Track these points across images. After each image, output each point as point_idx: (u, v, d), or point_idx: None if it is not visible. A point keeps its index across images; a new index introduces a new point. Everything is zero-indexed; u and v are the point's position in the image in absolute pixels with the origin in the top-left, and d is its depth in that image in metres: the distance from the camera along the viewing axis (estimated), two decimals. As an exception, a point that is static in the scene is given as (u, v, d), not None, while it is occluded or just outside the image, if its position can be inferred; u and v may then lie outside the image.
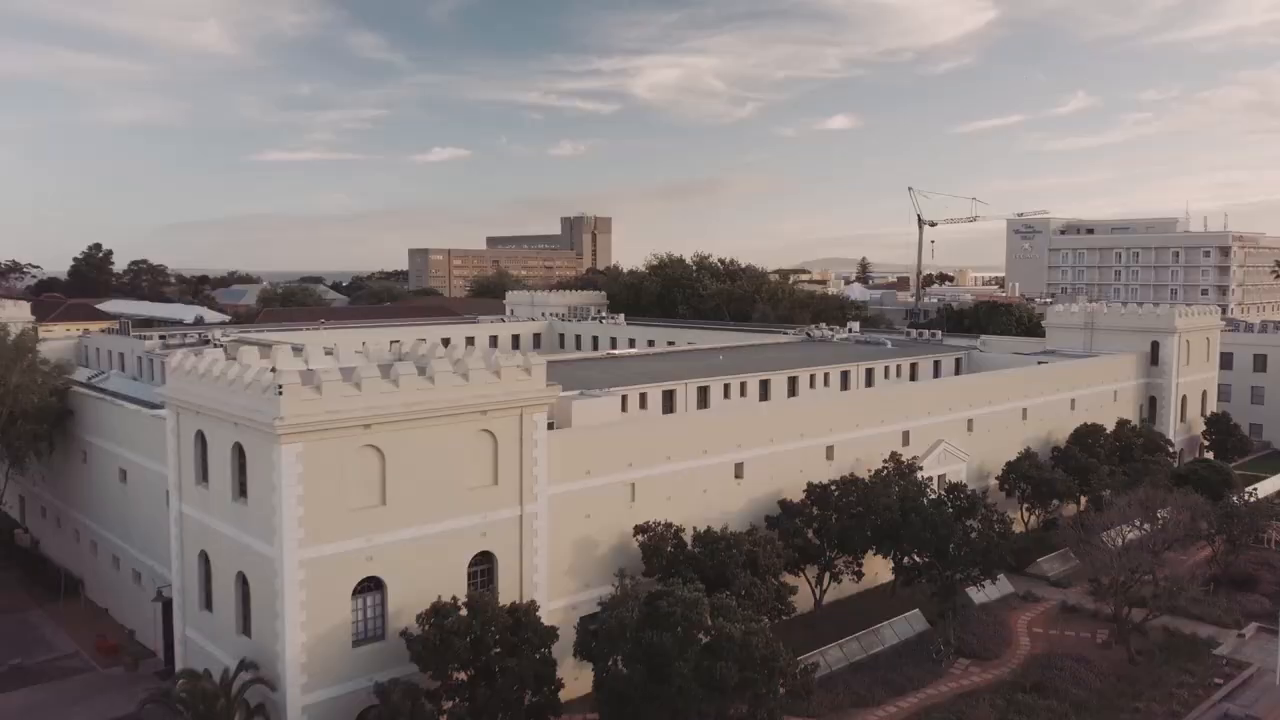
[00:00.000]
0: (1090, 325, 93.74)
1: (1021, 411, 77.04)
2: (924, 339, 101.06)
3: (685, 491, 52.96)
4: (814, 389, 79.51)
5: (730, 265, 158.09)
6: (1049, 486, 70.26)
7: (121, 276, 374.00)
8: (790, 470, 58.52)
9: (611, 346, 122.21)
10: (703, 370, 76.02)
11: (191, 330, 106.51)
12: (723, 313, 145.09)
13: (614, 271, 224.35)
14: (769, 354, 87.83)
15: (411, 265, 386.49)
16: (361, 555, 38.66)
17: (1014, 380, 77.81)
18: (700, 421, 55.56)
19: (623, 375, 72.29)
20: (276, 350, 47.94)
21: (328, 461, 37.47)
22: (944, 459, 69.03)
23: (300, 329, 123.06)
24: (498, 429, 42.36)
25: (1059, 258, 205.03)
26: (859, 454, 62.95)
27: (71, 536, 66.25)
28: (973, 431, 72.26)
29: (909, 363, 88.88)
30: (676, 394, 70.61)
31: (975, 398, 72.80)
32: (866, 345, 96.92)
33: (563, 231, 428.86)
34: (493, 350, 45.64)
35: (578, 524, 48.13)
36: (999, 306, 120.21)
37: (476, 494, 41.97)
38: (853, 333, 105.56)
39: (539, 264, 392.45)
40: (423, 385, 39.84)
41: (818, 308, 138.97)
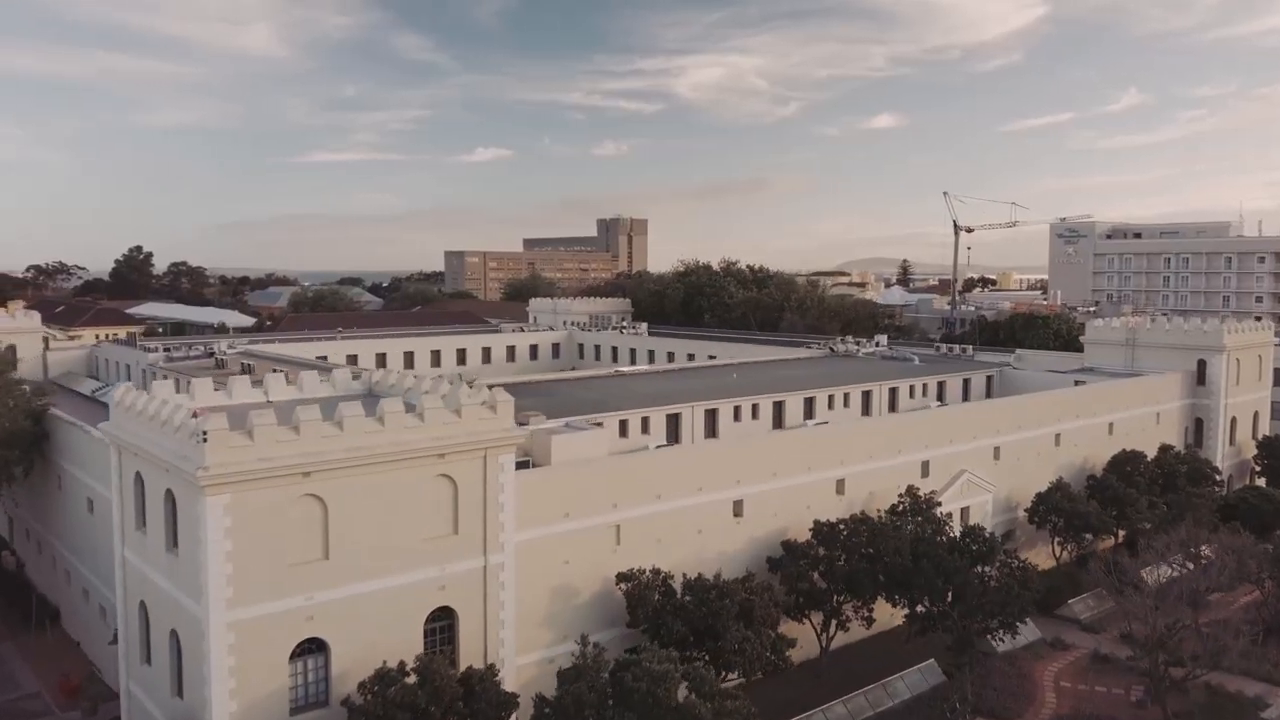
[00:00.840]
0: (1131, 342, 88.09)
1: (1054, 437, 71.95)
2: (954, 354, 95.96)
3: (677, 532, 49.03)
4: (832, 410, 75.06)
5: (759, 272, 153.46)
6: (1082, 520, 65.25)
7: (161, 278, 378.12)
8: (795, 507, 54.31)
9: (631, 358, 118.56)
10: (712, 391, 71.89)
11: (198, 342, 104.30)
12: (749, 321, 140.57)
13: (644, 276, 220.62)
14: (786, 372, 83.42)
15: (447, 267, 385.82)
16: (301, 615, 35.20)
17: (1046, 404, 72.71)
18: (694, 456, 51.56)
19: (626, 397, 68.41)
20: (234, 382, 44.87)
21: (261, 513, 34.04)
22: (967, 491, 64.31)
23: (318, 338, 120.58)
24: (458, 473, 38.71)
25: (1104, 263, 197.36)
26: (873, 487, 58.54)
27: (50, 563, 63.90)
28: (999, 460, 67.40)
29: (936, 381, 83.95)
30: (682, 418, 66.55)
31: (1002, 424, 67.91)
32: (892, 361, 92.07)
33: (598, 233, 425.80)
34: (459, 384, 42.04)
35: (555, 571, 44.42)
36: (1035, 319, 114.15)
37: (434, 545, 38.34)
38: (880, 346, 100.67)
39: (574, 266, 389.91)
40: (371, 428, 36.29)
41: (848, 317, 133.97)
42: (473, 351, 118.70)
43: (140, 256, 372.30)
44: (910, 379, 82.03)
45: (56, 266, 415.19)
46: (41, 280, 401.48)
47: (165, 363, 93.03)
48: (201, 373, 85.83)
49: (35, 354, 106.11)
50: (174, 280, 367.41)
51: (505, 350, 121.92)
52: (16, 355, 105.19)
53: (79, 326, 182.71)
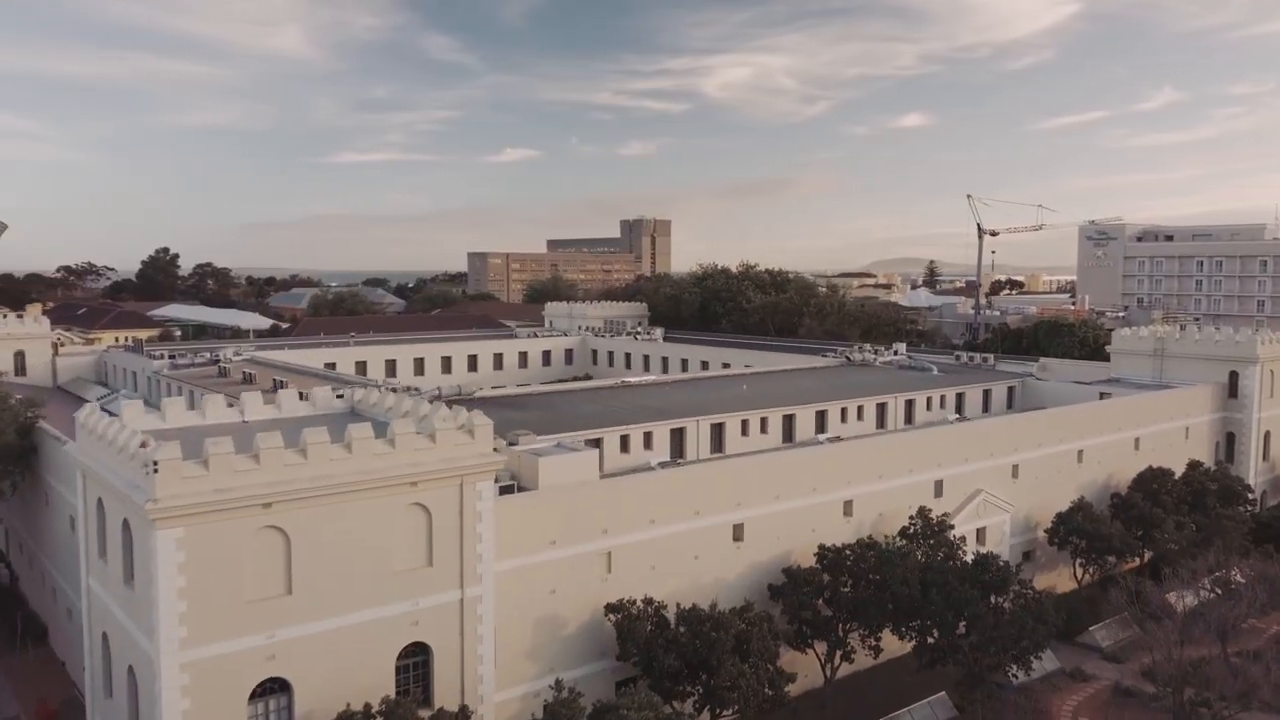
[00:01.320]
0: (1160, 352, 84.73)
1: (1076, 454, 68.95)
2: (974, 364, 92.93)
3: (673, 559, 46.76)
4: (844, 423, 72.47)
5: (778, 275, 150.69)
6: (1105, 543, 62.24)
7: (187, 279, 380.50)
8: (800, 530, 51.88)
9: (644, 365, 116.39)
10: (720, 404, 69.55)
11: (205, 348, 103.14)
12: (767, 327, 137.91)
13: (662, 279, 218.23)
14: (799, 383, 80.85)
15: (470, 268, 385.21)
16: (261, 654, 33.25)
17: (1068, 420, 69.67)
18: (692, 478, 49.20)
19: (629, 410, 66.23)
20: (207, 401, 43.10)
21: (218, 547, 32.13)
22: (983, 511, 61.55)
23: (330, 344, 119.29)
24: (432, 502, 36.64)
25: (1134, 266, 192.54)
26: (882, 508, 55.99)
27: (40, 579, 62.60)
28: (1018, 479, 64.56)
29: (954, 393, 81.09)
30: (686, 433, 64.29)
31: (1021, 441, 65.05)
32: (910, 371, 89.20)
33: (622, 234, 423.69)
34: (439, 405, 39.98)
35: (541, 601, 42.29)
36: (1060, 326, 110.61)
37: (406, 577, 36.29)
38: (898, 355, 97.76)
39: (597, 267, 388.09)
40: (337, 455, 34.29)
41: (868, 322, 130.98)
42: (484, 358, 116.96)
43: (166, 257, 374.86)
44: (928, 390, 79.25)
45: (86, 267, 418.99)
46: (72, 281, 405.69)
47: (170, 370, 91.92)
48: (204, 381, 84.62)
49: (44, 359, 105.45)
50: (199, 281, 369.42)
51: (518, 356, 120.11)
52: (25, 361, 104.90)
53: (98, 329, 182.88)
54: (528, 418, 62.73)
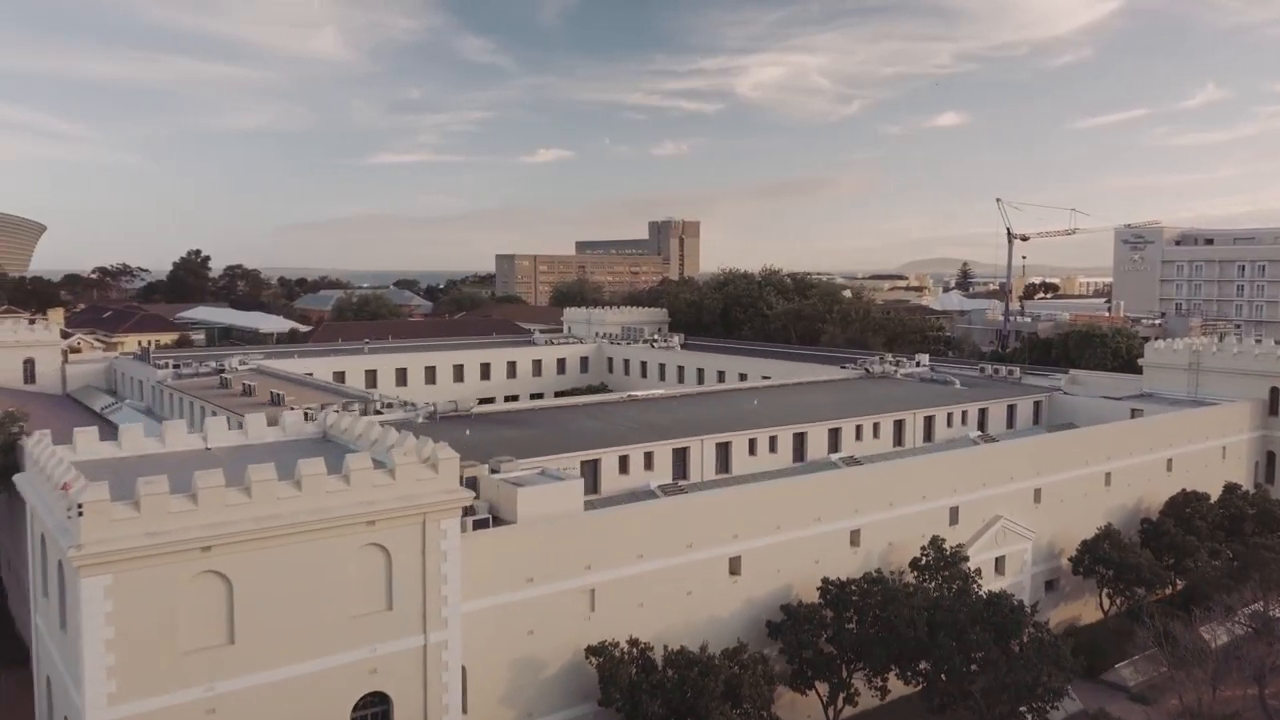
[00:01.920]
0: (1195, 366, 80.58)
1: (1104, 477, 65.22)
2: (999, 376, 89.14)
3: (663, 596, 43.93)
4: (860, 441, 69.34)
5: (801, 280, 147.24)
6: (1134, 573, 58.54)
7: (218, 280, 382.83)
8: (802, 563, 48.84)
9: (660, 373, 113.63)
10: (728, 421, 66.63)
11: (211, 356, 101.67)
12: (789, 334, 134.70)
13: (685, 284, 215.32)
14: (813, 397, 77.67)
15: (498, 270, 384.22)
16: (199, 708, 30.85)
17: (1095, 441, 65.95)
18: (684, 509, 46.30)
19: (630, 428, 63.50)
20: (169, 428, 40.86)
21: (151, 595, 29.78)
22: (1002, 539, 58.10)
23: (344, 351, 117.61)
24: (391, 542, 34.09)
25: (1172, 271, 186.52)
26: (893, 538, 52.79)
27: (23, 599, 60.90)
28: (1040, 503, 61.01)
29: (977, 409, 77.55)
30: (690, 453, 61.44)
31: (1044, 463, 61.49)
32: (932, 385, 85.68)
33: (650, 236, 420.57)
34: (405, 436, 37.42)
35: (517, 642, 39.64)
36: (1092, 336, 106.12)
37: (363, 623, 33.77)
38: (920, 366, 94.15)
39: (625, 269, 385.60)
40: (285, 493, 31.84)
41: (893, 330, 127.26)
42: (497, 366, 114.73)
43: (197, 259, 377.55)
44: (948, 406, 75.81)
45: (121, 268, 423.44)
46: (108, 281, 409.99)
47: (174, 380, 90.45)
48: (205, 393, 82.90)
49: (54, 367, 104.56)
50: (230, 283, 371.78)
51: (531, 364, 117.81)
52: (35, 368, 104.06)
53: (122, 333, 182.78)
54: (523, 436, 60.24)
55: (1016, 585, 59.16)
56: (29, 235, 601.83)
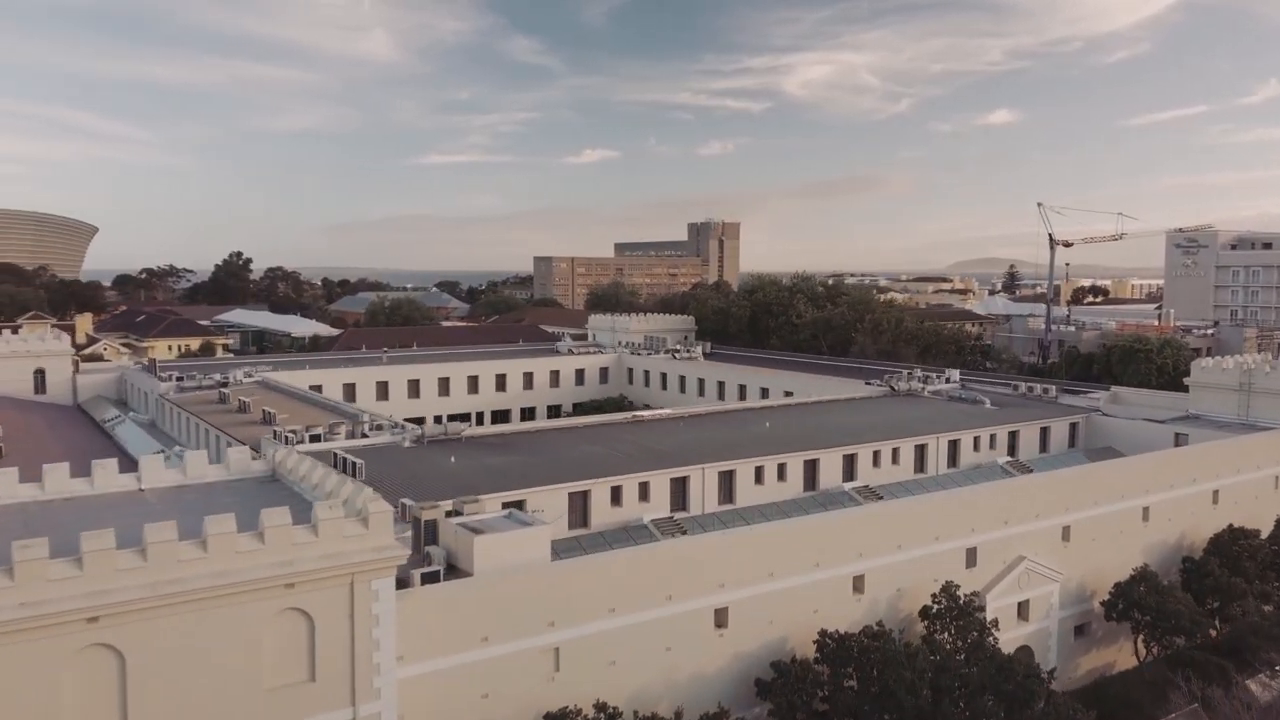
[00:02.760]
0: (1247, 386, 74.78)
1: (1141, 511, 60.07)
2: (1034, 395, 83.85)
3: (639, 652, 40.03)
4: (877, 468, 64.99)
5: (832, 288, 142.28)
6: (1173, 620, 53.44)
7: (259, 282, 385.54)
8: (798, 612, 44.67)
9: (680, 386, 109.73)
10: (736, 444, 62.66)
11: (219, 368, 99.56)
12: (819, 344, 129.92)
13: (711, 290, 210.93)
14: (830, 418, 73.25)
15: (536, 272, 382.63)
16: (88, 797, 27.60)
17: (1132, 473, 60.84)
18: (661, 556, 42.34)
19: (630, 453, 59.75)
20: (98, 469, 37.79)
21: (25, 674, 26.56)
22: (1026, 582, 53.34)
23: (361, 360, 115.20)
24: (315, 606, 30.60)
25: (1228, 276, 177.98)
26: (901, 583, 48.36)
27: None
28: (1070, 542, 56.09)
29: (1007, 432, 72.65)
30: (690, 482, 57.51)
31: (1074, 498, 56.56)
32: (960, 404, 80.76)
33: (689, 237, 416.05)
34: (344, 481, 33.93)
35: (469, 708, 36.00)
36: (1135, 351, 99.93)
37: (282, 696, 30.31)
38: (950, 383, 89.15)
39: (663, 271, 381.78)
40: (189, 554, 28.48)
41: (926, 341, 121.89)
42: (513, 377, 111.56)
43: (239, 261, 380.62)
44: (976, 429, 71.05)
45: (167, 270, 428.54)
46: (154, 283, 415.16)
47: (176, 393, 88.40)
48: (201, 408, 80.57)
49: (65, 377, 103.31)
50: (270, 285, 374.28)
51: (549, 375, 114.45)
52: (46, 379, 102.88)
53: (153, 337, 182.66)
54: (510, 463, 56.74)
55: (1042, 632, 54.49)
56: (81, 237, 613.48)
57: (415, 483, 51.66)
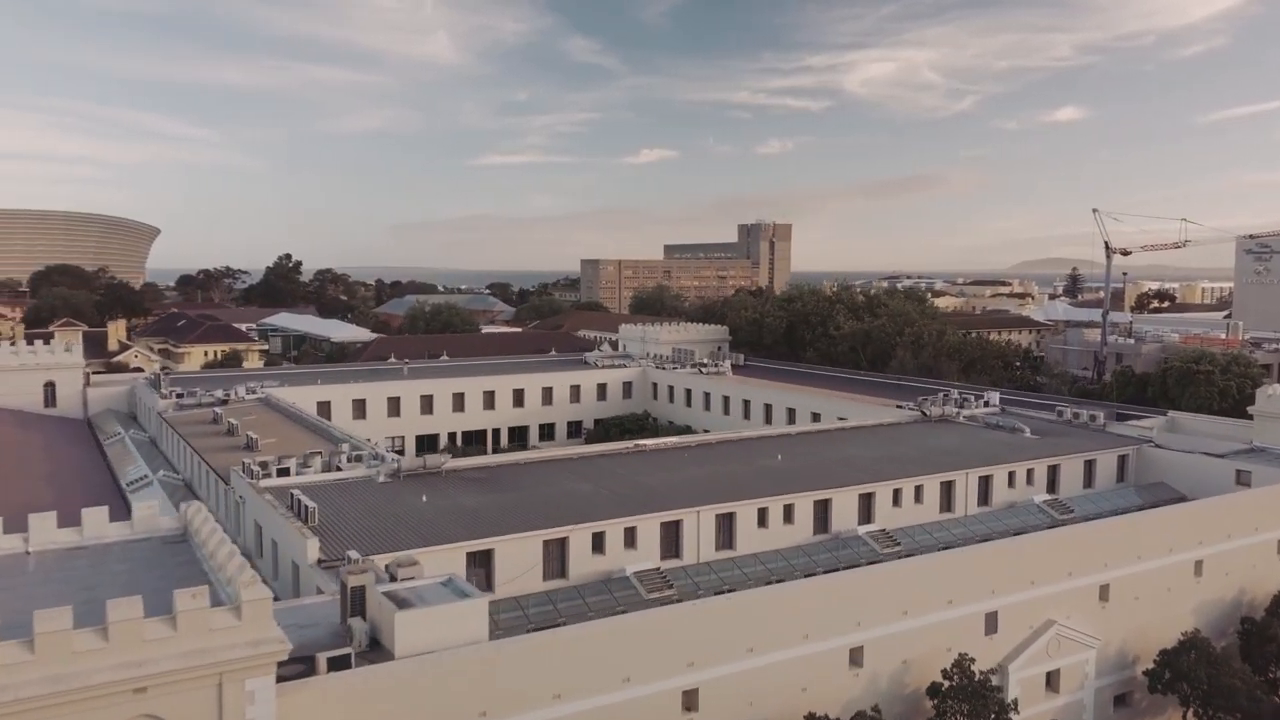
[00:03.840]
0: (1320, 418, 67.31)
1: (1194, 565, 53.42)
2: (1079, 422, 76.84)
3: (589, 743, 34.98)
4: (898, 508, 59.18)
5: (873, 298, 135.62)
6: (1228, 696, 46.88)
7: (309, 284, 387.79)
8: (783, 691, 39.26)
9: (704, 403, 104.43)
10: (740, 480, 57.44)
11: (226, 381, 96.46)
12: (857, 357, 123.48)
13: (761, 294, 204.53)
14: (850, 449, 67.38)
15: (583, 275, 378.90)
16: None
17: (1181, 521, 54.18)
18: (618, 633, 37.17)
19: (622, 491, 54.73)
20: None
21: None
22: (1056, 649, 47.19)
23: (381, 374, 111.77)
24: (172, 712, 26.11)
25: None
26: (907, 654, 42.65)
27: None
28: (1108, 602, 49.73)
29: (1046, 465, 66.15)
30: (684, 527, 52.30)
31: (1114, 552, 50.17)
32: (997, 431, 74.24)
33: (739, 239, 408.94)
34: (232, 554, 29.43)
35: (381, 814, 31.25)
36: (1196, 374, 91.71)
37: (133, 819, 25.88)
38: (989, 406, 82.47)
39: (712, 274, 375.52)
40: (13, 657, 24.15)
41: (970, 355, 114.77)
42: (531, 392, 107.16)
43: (289, 264, 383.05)
44: (1011, 463, 64.72)
45: (223, 271, 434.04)
46: (210, 284, 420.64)
47: (174, 410, 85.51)
48: (193, 428, 77.25)
49: (75, 390, 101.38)
50: (320, 287, 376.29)
51: (569, 390, 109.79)
52: (56, 392, 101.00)
53: (188, 343, 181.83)
54: (484, 504, 51.97)
55: (1075, 704, 48.32)
56: (143, 239, 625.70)
57: (373, 528, 47.31)
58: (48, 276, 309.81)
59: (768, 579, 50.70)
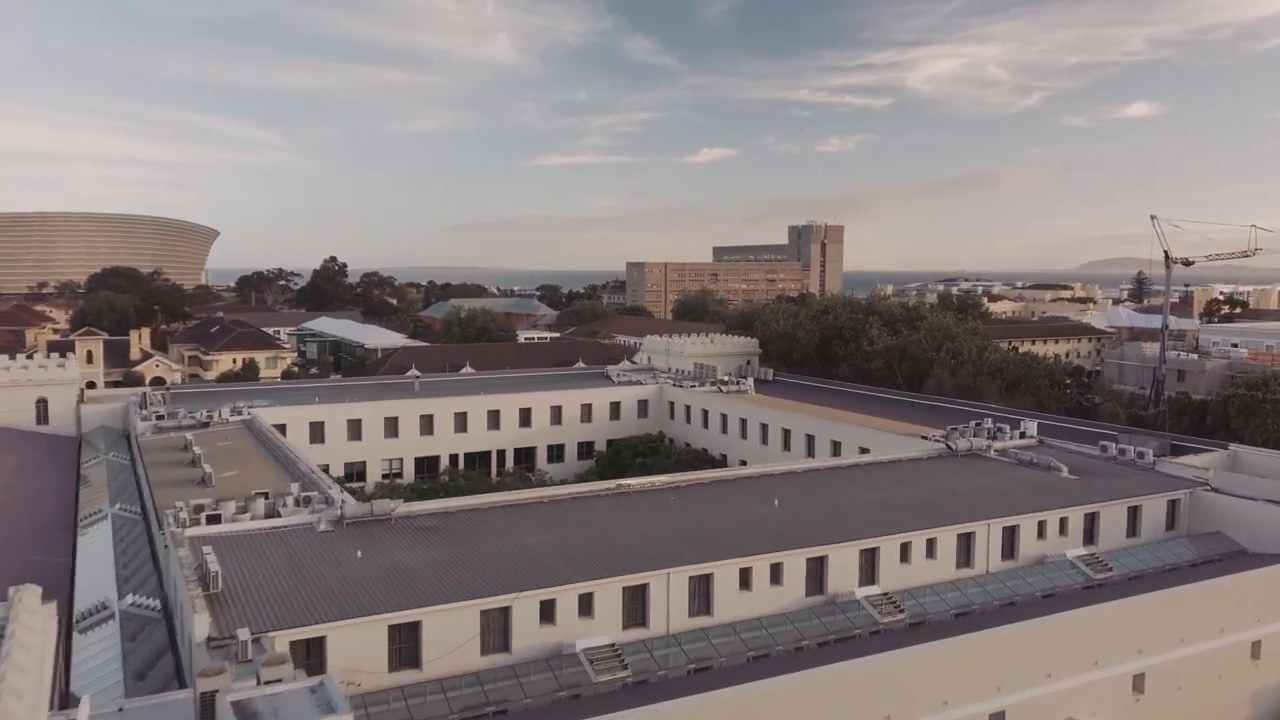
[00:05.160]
0: (1405, 462, 58.46)
1: (1250, 647, 45.52)
2: (1125, 459, 68.49)
3: None
4: (907, 564, 52.11)
5: (911, 309, 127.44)
6: (1287, 812, 39.14)
7: (355, 287, 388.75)
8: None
9: (722, 425, 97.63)
10: (726, 532, 50.99)
11: (214, 402, 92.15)
12: (893, 374, 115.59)
13: (802, 300, 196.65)
14: (861, 490, 60.28)
15: (629, 278, 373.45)
16: None
17: (1234, 596, 46.23)
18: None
19: (587, 548, 48.45)
20: None
21: None
22: (1079, 754, 39.81)
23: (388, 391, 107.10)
24: None
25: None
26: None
27: None
28: (1144, 694, 42.15)
29: (1083, 514, 58.39)
30: (650, 591, 45.84)
31: (1151, 635, 42.57)
32: (1031, 470, 66.42)
33: (789, 241, 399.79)
34: (11, 653, 23.73)
35: None
36: (1261, 403, 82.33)
37: None
38: (1026, 437, 74.47)
39: (761, 277, 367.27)
40: None
41: (1013, 374, 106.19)
42: (539, 411, 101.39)
43: (335, 266, 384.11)
44: (1042, 512, 57.05)
45: (275, 273, 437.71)
46: (264, 286, 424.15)
47: (151, 433, 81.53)
48: (161, 455, 72.89)
49: (69, 407, 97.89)
50: (365, 290, 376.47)
51: (579, 409, 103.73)
52: (48, 408, 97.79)
53: (215, 351, 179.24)
54: (426, 561, 45.98)
55: (1102, 817, 40.81)
56: (202, 241, 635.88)
57: (287, 594, 41.60)
58: (103, 279, 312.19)
59: (745, 654, 44.26)
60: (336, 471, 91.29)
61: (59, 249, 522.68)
